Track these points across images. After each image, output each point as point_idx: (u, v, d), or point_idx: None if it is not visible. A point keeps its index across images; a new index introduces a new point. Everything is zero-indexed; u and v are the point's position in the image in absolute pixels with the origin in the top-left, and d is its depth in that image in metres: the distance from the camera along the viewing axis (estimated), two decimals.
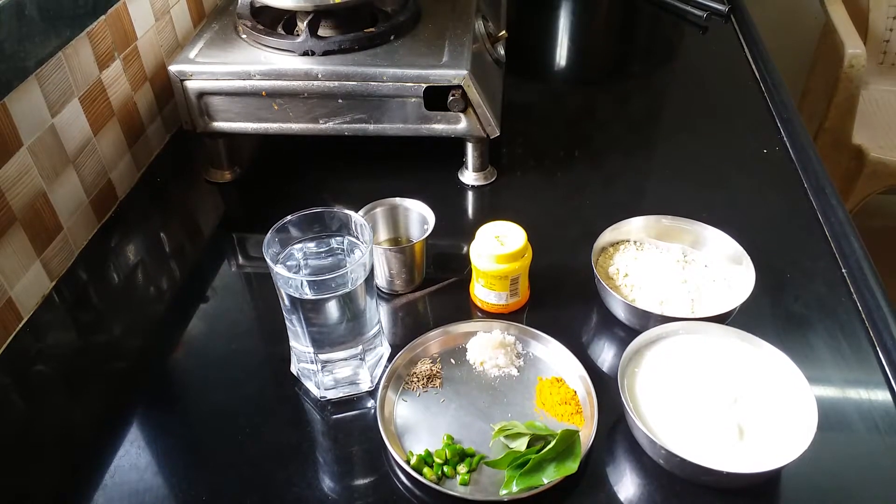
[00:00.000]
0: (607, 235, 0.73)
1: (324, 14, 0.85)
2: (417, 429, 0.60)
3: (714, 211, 0.78)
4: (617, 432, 0.59)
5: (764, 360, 0.60)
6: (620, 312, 0.68)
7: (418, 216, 0.74)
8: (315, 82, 0.80)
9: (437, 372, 0.65)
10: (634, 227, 0.74)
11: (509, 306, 0.70)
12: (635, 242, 0.74)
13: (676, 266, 0.71)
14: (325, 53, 0.82)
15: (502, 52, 0.95)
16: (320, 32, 0.84)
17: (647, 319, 0.65)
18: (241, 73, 0.80)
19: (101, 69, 0.82)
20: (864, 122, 1.74)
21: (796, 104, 1.17)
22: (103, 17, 0.81)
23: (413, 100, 0.81)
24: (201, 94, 0.82)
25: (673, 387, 0.59)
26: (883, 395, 0.62)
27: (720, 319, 0.64)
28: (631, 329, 0.67)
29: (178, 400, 0.65)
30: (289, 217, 0.60)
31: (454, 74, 0.79)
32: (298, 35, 0.84)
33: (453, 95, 0.79)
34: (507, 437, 0.58)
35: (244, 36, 0.86)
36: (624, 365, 0.60)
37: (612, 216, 0.74)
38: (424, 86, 0.80)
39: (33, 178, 0.72)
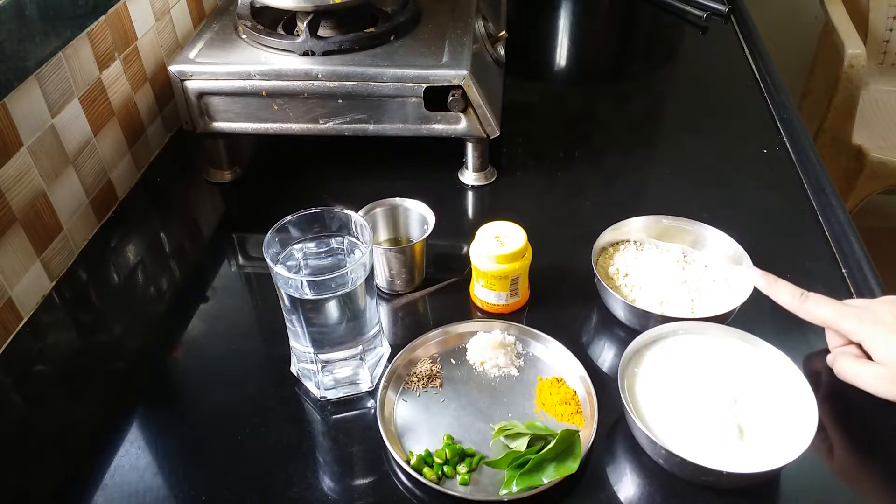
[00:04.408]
0: (607, 235, 0.73)
1: (324, 14, 0.85)
2: (417, 429, 0.60)
3: (714, 211, 0.78)
4: (617, 432, 0.59)
5: (764, 360, 0.60)
6: (620, 312, 0.68)
7: (418, 216, 0.74)
8: (315, 82, 0.80)
9: (437, 372, 0.65)
10: (634, 227, 0.74)
11: (509, 306, 0.70)
12: (635, 242, 0.74)
13: (676, 266, 0.71)
14: (325, 53, 0.82)
15: (502, 52, 0.95)
16: (320, 32, 0.84)
17: (648, 319, 0.65)
18: (241, 74, 0.81)
19: (101, 69, 0.82)
20: (864, 122, 1.74)
21: (796, 104, 1.17)
22: (103, 17, 0.81)
23: (413, 100, 0.81)
24: (201, 95, 0.82)
25: (673, 387, 0.59)
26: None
27: (720, 319, 0.64)
28: (631, 329, 0.67)
29: (178, 400, 0.65)
30: (289, 217, 0.60)
31: (454, 74, 0.79)
32: (298, 35, 0.84)
33: (453, 95, 0.79)
34: (507, 437, 0.58)
35: (244, 36, 0.86)
36: (624, 365, 0.60)
37: (612, 216, 0.74)
38: (424, 86, 0.80)
39: (33, 178, 0.72)
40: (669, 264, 0.71)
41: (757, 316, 0.68)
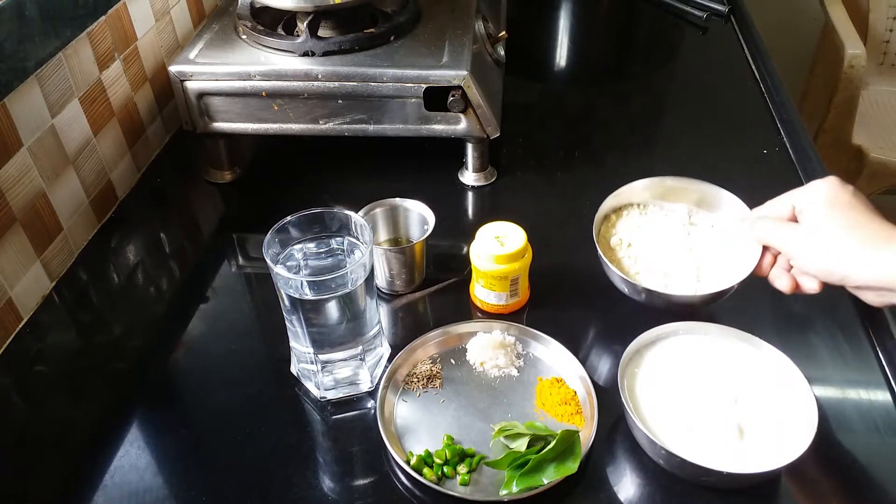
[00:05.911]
0: (609, 202, 0.70)
1: (324, 14, 0.85)
2: (417, 429, 0.60)
3: None
4: (617, 432, 0.59)
5: (764, 360, 0.60)
6: (623, 287, 0.66)
7: (418, 216, 0.74)
8: (315, 83, 0.80)
9: (437, 372, 0.64)
10: (637, 188, 0.71)
11: (509, 306, 0.70)
12: (639, 206, 0.72)
13: (682, 231, 0.68)
14: (325, 54, 0.82)
15: (502, 52, 0.95)
16: (320, 33, 0.84)
17: (651, 296, 0.63)
18: (241, 74, 0.80)
19: (101, 70, 0.82)
20: (864, 122, 1.74)
21: (796, 104, 1.17)
22: (103, 17, 0.81)
23: (413, 100, 0.81)
24: (201, 95, 0.82)
25: (673, 387, 0.59)
26: (883, 396, 0.62)
27: (725, 294, 0.62)
28: (631, 329, 0.67)
29: (178, 400, 0.65)
30: (289, 217, 0.60)
31: (454, 75, 0.79)
32: (298, 35, 0.84)
33: (453, 96, 0.79)
34: (507, 437, 0.58)
35: (244, 36, 0.86)
36: (624, 365, 0.60)
37: None
38: (424, 86, 0.80)
39: (33, 178, 0.72)
40: (674, 229, 0.69)
41: (757, 316, 0.68)
